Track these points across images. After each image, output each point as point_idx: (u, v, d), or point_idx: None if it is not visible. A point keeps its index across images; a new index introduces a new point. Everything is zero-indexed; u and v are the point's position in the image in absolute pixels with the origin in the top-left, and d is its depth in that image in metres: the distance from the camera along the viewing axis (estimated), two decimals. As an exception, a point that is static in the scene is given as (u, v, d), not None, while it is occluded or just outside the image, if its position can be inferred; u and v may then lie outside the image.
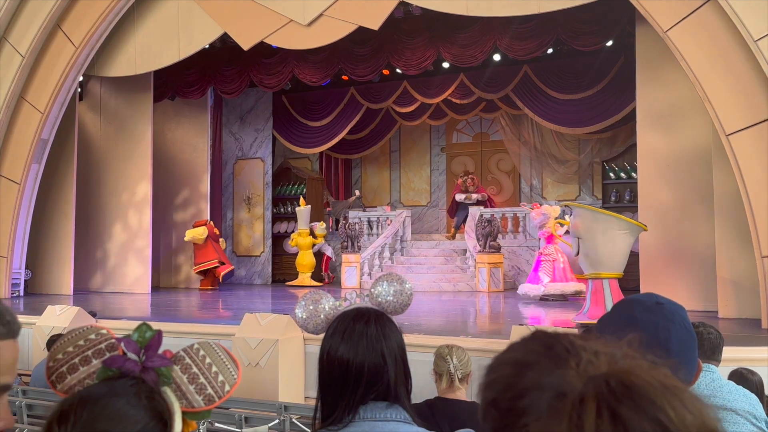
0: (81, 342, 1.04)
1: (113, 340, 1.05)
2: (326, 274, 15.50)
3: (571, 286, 10.94)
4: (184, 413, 0.99)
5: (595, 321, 6.45)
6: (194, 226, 14.34)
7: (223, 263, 14.43)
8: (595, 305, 7.25)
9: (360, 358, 1.49)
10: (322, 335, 1.61)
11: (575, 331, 0.74)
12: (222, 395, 1.04)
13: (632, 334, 0.71)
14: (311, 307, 1.57)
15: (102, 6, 11.55)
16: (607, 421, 0.58)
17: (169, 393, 0.99)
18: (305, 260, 14.91)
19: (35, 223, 12.49)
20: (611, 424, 0.58)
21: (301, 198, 15.67)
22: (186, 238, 14.20)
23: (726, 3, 7.73)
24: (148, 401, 0.93)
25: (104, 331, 1.06)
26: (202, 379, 1.04)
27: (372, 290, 1.66)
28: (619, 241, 7.16)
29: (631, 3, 8.60)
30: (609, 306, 6.42)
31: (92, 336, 1.05)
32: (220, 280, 14.33)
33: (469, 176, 15.24)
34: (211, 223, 14.67)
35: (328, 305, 1.58)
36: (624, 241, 7.22)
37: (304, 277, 14.88)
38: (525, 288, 11.29)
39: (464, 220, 14.49)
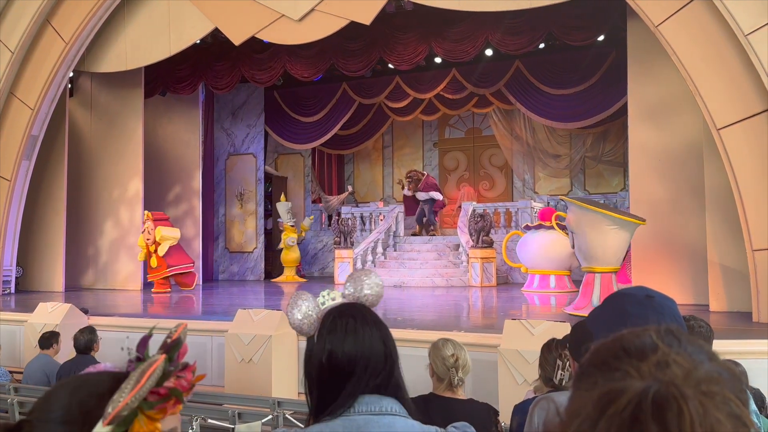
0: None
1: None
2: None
3: None
4: None
5: (580, 312, 7.07)
6: (155, 220, 12.30)
7: (190, 270, 12.72)
8: (583, 297, 7.46)
9: (366, 352, 1.49)
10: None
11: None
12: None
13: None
14: (303, 308, 1.56)
15: (92, 1, 11.48)
16: (626, 420, 0.59)
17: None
18: (289, 256, 14.96)
19: (26, 221, 12.43)
20: (628, 424, 0.59)
21: (282, 194, 15.73)
22: (158, 239, 12.10)
23: (717, -3, 7.76)
24: None
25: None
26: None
27: (349, 287, 1.65)
28: (610, 236, 7.21)
29: (622, -2, 8.62)
30: (595, 299, 7.16)
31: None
32: (191, 287, 12.65)
33: (407, 177, 15.22)
34: (167, 215, 13.10)
35: (313, 305, 1.57)
36: (615, 236, 7.27)
37: (289, 273, 14.97)
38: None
39: (421, 218, 14.64)
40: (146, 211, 12.54)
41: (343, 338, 1.51)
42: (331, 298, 1.62)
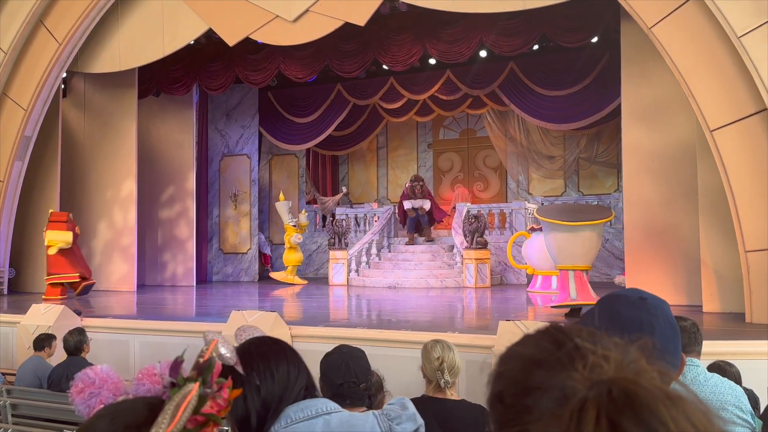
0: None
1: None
2: (267, 268, 15.59)
3: None
4: None
5: (562, 304, 7.85)
6: (50, 222, 11.11)
7: (83, 279, 11.27)
8: (562, 292, 7.97)
9: (280, 391, 1.54)
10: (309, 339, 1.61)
11: (585, 329, 0.72)
12: None
13: (645, 339, 0.69)
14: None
15: (85, 2, 11.44)
16: (605, 430, 0.57)
17: None
18: (292, 256, 14.71)
19: (19, 222, 12.37)
20: None
21: (281, 193, 15.63)
22: (48, 243, 10.94)
23: (710, 0, 7.79)
24: None
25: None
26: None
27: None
28: (579, 239, 7.77)
29: (616, -1, 8.65)
30: (572, 293, 7.74)
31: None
32: (77, 293, 11.10)
33: (419, 183, 14.56)
34: (72, 218, 11.49)
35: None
36: (584, 239, 7.78)
37: (290, 273, 14.68)
38: None
39: (415, 227, 14.49)
40: (51, 210, 11.57)
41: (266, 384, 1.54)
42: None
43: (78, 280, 11.10)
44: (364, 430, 1.60)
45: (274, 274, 15.13)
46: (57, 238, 10.86)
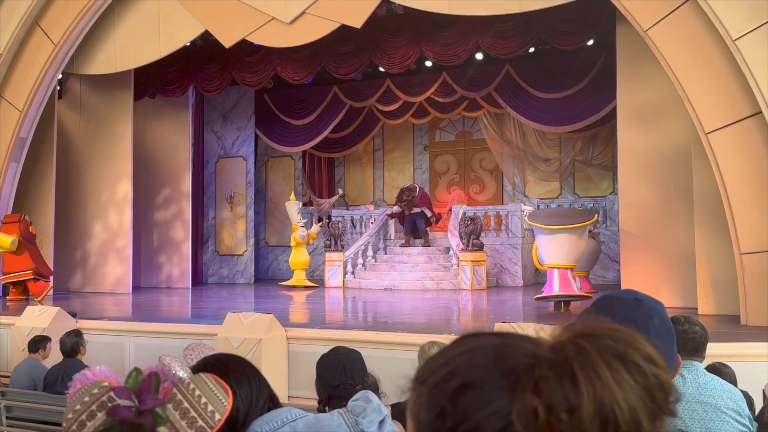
0: (86, 398, 1.11)
1: (112, 389, 1.11)
2: None
3: None
4: None
5: (546, 296, 8.97)
6: (3, 224, 11.24)
7: (39, 277, 11.25)
8: (548, 286, 9.01)
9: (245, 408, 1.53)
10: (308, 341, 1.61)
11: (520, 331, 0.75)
12: (213, 424, 1.11)
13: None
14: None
15: (81, 3, 11.42)
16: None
17: (163, 431, 1.06)
18: (298, 258, 14.03)
19: (14, 223, 12.33)
20: None
21: (292, 194, 15.52)
22: None
23: (705, 2, 7.81)
24: None
25: (106, 384, 1.13)
26: (192, 413, 1.10)
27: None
28: (558, 241, 8.78)
29: (611, 2, 8.66)
30: (555, 287, 8.86)
31: (95, 391, 1.11)
32: (37, 300, 10.75)
33: (408, 199, 14.00)
34: (27, 218, 11.58)
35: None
36: (563, 241, 8.75)
37: (299, 277, 13.99)
38: None
39: (412, 229, 14.39)
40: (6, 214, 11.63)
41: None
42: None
43: (32, 276, 11.15)
44: (330, 430, 1.61)
45: (283, 283, 14.56)
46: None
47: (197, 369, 1.51)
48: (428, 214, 14.31)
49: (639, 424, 0.59)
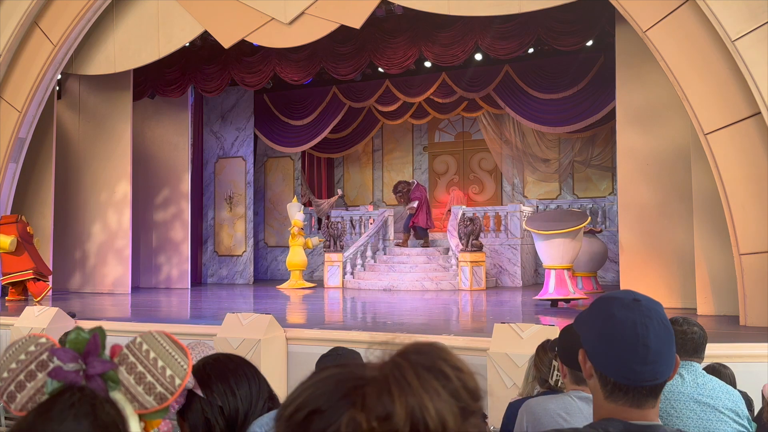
0: (22, 356, 0.98)
1: (52, 350, 0.98)
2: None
3: None
4: (140, 415, 0.95)
5: (543, 298, 9.39)
6: (0, 225, 11.26)
7: (40, 277, 11.32)
8: (545, 286, 9.38)
9: (246, 407, 1.55)
10: (303, 341, 1.61)
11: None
12: (174, 390, 1.00)
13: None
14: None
15: (81, 3, 11.42)
16: None
17: (119, 398, 0.95)
18: (295, 258, 13.93)
19: (13, 223, 12.32)
20: None
21: (294, 197, 15.53)
22: None
23: (704, 3, 7.81)
24: (91, 418, 0.87)
25: (43, 340, 1.01)
26: (149, 378, 0.99)
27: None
28: (554, 245, 9.13)
29: (610, 3, 8.67)
30: (551, 288, 9.24)
31: (32, 348, 0.99)
32: (36, 300, 10.82)
33: (402, 191, 14.41)
34: (24, 218, 11.60)
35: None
36: (558, 244, 9.08)
37: (296, 278, 13.88)
38: None
39: (406, 227, 14.37)
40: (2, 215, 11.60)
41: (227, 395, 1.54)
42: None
43: (33, 276, 11.18)
44: None
45: (281, 287, 14.46)
46: None
47: (196, 370, 1.51)
48: (413, 204, 14.19)
49: (445, 422, 0.70)
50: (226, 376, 1.53)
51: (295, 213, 14.13)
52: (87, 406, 0.88)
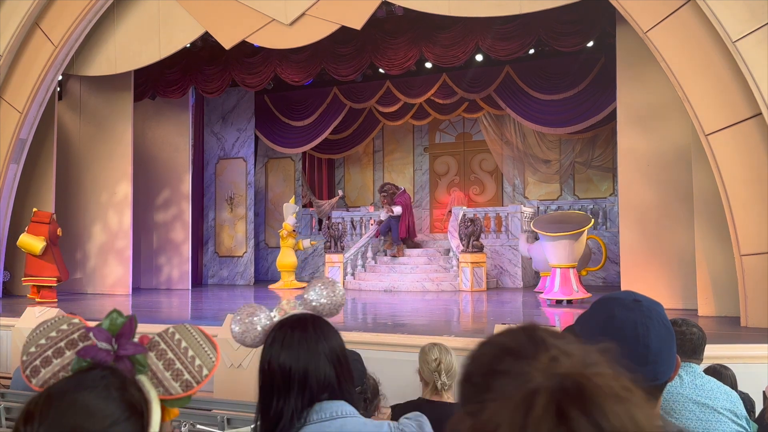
0: (53, 333, 1.01)
1: (85, 330, 1.01)
2: None
3: None
4: (162, 401, 0.97)
5: (548, 297, 9.89)
6: (32, 222, 11.18)
7: (61, 279, 11.31)
8: (551, 285, 9.91)
9: (302, 364, 1.53)
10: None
11: (557, 331, 0.80)
12: (200, 380, 1.02)
13: (609, 344, 0.73)
14: (247, 321, 1.58)
15: (81, 4, 11.43)
16: (552, 416, 0.61)
17: (144, 381, 0.97)
18: (285, 259, 14.17)
19: (14, 225, 12.31)
20: (555, 420, 0.61)
21: (293, 197, 15.54)
22: (18, 244, 11.17)
23: (705, 4, 7.81)
24: (119, 393, 0.89)
25: (76, 320, 1.03)
26: (178, 365, 1.01)
27: (305, 296, 1.67)
28: (560, 245, 9.64)
29: (611, 4, 8.67)
30: (557, 286, 9.71)
31: (64, 326, 1.01)
32: (36, 300, 10.74)
33: (380, 192, 14.47)
34: (54, 217, 11.54)
35: (264, 317, 1.59)
36: (564, 245, 9.58)
37: (286, 279, 14.10)
38: None
39: (386, 231, 14.25)
40: (35, 208, 11.56)
41: (279, 351, 1.54)
42: (291, 307, 1.64)
43: (54, 284, 11.14)
44: None
45: (272, 287, 14.64)
46: (28, 244, 10.96)
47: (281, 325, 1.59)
48: (398, 210, 14.03)
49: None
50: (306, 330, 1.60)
51: (288, 215, 14.26)
52: (118, 381, 0.90)
